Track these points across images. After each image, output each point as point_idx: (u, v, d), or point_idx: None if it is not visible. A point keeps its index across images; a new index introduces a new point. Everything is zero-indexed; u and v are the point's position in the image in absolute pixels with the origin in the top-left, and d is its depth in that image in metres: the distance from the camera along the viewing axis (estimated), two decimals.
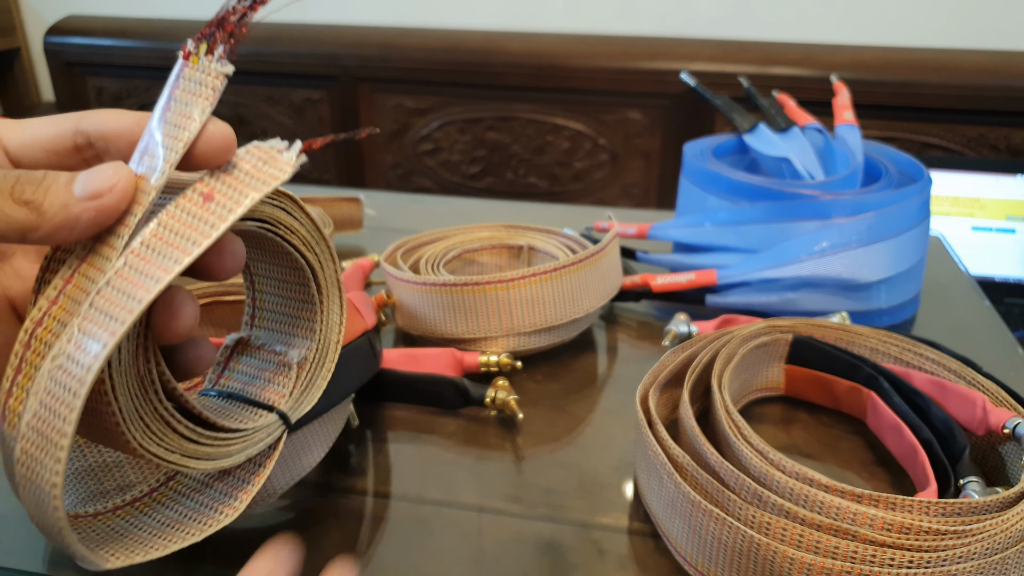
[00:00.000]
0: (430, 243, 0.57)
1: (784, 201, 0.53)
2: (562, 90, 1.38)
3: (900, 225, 0.52)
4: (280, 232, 0.28)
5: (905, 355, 0.43)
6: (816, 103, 0.82)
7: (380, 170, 1.52)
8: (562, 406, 0.46)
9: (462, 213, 0.80)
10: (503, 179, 1.48)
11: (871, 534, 0.29)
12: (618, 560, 0.35)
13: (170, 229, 0.22)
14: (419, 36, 1.42)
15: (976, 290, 0.61)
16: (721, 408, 0.37)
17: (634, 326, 0.56)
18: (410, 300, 0.49)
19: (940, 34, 1.30)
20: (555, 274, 0.47)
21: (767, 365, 0.45)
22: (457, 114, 1.44)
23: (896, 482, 0.39)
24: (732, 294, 0.54)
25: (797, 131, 0.61)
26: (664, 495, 0.34)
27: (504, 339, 0.48)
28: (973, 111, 1.26)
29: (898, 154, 0.60)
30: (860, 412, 0.43)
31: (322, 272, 0.31)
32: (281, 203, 0.28)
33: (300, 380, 0.32)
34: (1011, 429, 0.36)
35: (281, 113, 1.50)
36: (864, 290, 0.53)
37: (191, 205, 0.23)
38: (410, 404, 0.46)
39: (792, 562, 0.29)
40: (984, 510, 0.31)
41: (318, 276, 0.31)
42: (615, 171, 1.44)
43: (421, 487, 0.39)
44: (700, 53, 1.33)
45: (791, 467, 0.33)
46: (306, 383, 0.32)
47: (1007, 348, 0.53)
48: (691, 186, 0.60)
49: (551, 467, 0.41)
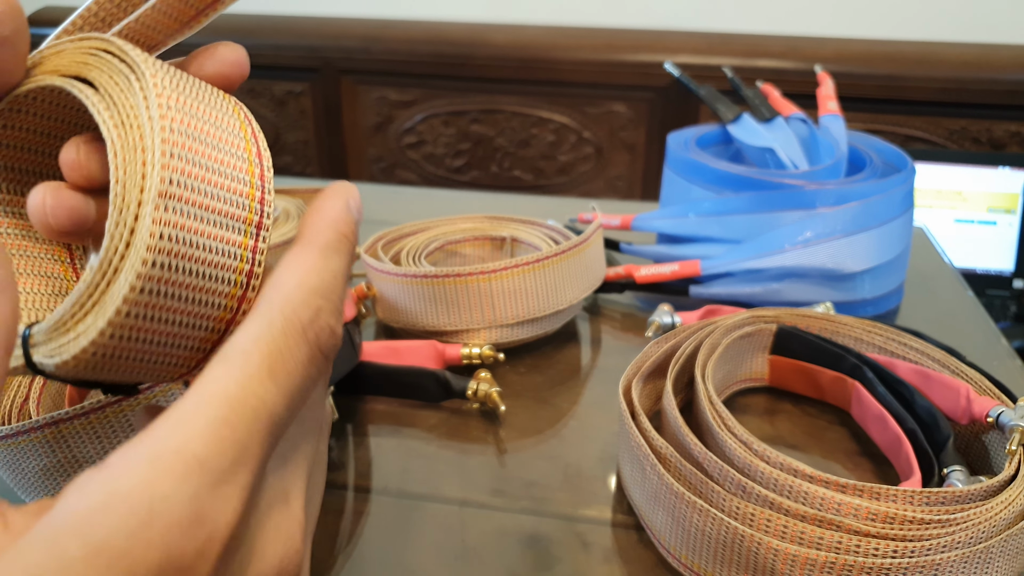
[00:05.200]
0: (411, 234, 0.56)
1: (768, 191, 0.53)
2: (547, 83, 1.38)
3: (884, 215, 0.52)
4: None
5: (889, 345, 0.43)
6: (800, 95, 0.82)
7: (363, 163, 1.51)
8: (545, 398, 0.46)
9: (445, 205, 0.80)
10: (487, 172, 1.48)
11: (855, 524, 0.29)
12: (602, 553, 0.34)
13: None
14: (402, 28, 1.41)
15: (960, 281, 0.61)
16: (705, 399, 0.36)
17: (618, 317, 0.55)
18: (391, 292, 0.49)
19: (923, 27, 1.31)
20: (538, 265, 0.47)
21: (751, 356, 0.45)
22: (441, 107, 1.43)
23: (880, 472, 0.39)
24: (716, 285, 0.53)
25: (781, 121, 0.61)
26: (647, 487, 0.33)
27: (486, 331, 0.47)
28: (955, 104, 1.27)
29: (882, 144, 0.60)
30: (844, 402, 0.43)
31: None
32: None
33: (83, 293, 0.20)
34: (995, 418, 0.36)
35: (263, 106, 1.49)
36: (848, 280, 0.52)
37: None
38: (391, 397, 0.45)
39: (776, 553, 0.29)
40: (968, 499, 0.31)
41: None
42: (600, 164, 1.43)
43: (402, 481, 0.39)
44: (685, 45, 1.33)
45: (775, 458, 0.32)
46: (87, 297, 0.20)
47: (990, 338, 0.53)
48: (675, 176, 0.60)
49: (534, 460, 0.40)
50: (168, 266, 0.19)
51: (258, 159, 0.21)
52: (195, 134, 0.20)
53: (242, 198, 0.21)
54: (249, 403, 0.17)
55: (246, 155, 0.21)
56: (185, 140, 0.19)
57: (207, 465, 0.16)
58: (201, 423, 0.17)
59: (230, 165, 0.20)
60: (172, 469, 0.16)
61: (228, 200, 0.20)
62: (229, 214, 0.20)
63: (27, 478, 0.31)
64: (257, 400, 0.18)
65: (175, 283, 0.19)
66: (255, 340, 0.18)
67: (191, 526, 0.16)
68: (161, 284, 0.19)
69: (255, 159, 0.21)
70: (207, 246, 0.19)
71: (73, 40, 0.21)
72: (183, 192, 0.19)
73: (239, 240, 0.20)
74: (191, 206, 0.19)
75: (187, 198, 0.19)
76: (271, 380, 0.18)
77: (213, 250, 0.20)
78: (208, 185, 0.20)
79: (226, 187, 0.20)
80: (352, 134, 1.48)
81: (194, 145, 0.20)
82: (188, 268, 0.19)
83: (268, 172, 0.22)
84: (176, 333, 0.20)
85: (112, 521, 0.15)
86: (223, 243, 0.20)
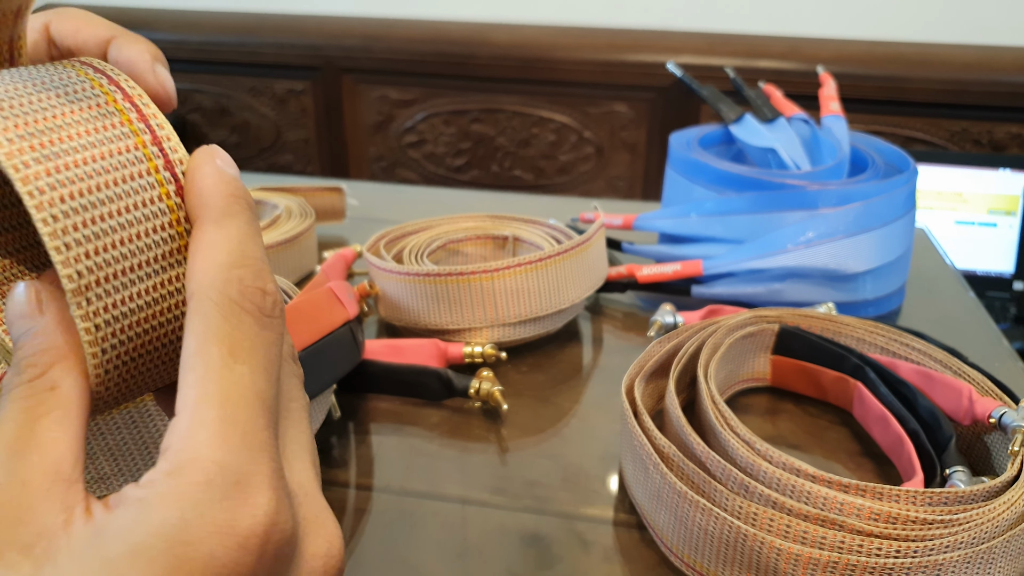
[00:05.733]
0: (414, 233, 0.56)
1: (770, 191, 0.53)
2: (548, 82, 1.38)
3: (886, 216, 0.52)
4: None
5: (891, 345, 0.43)
6: (801, 96, 0.82)
7: (364, 162, 1.51)
8: (547, 397, 0.46)
9: (447, 204, 0.80)
10: (488, 172, 1.48)
11: (858, 524, 0.29)
12: (603, 552, 0.34)
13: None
14: (404, 27, 1.41)
15: (961, 282, 0.61)
16: (707, 398, 0.36)
17: (619, 317, 0.55)
18: (393, 290, 0.49)
19: (924, 29, 1.31)
20: (540, 264, 0.47)
21: (753, 355, 0.45)
22: (442, 106, 1.43)
23: (882, 472, 0.39)
24: (718, 285, 0.53)
25: (783, 122, 0.61)
26: (650, 486, 0.33)
27: (489, 330, 0.47)
28: (956, 105, 1.27)
29: (884, 145, 0.60)
30: (846, 402, 0.43)
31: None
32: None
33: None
34: (997, 419, 0.36)
35: (264, 104, 1.49)
36: (850, 281, 0.52)
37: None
38: (393, 395, 0.45)
39: (779, 552, 0.29)
40: (970, 499, 0.31)
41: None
42: (600, 164, 1.43)
43: (404, 479, 0.39)
44: (686, 46, 1.33)
45: (778, 457, 0.32)
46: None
47: (992, 339, 0.53)
48: (677, 176, 0.60)
49: (536, 458, 0.40)
50: (94, 271, 0.18)
51: (140, 121, 0.20)
52: (40, 131, 0.18)
53: (132, 162, 0.19)
54: (233, 394, 0.18)
55: (118, 127, 0.19)
56: (31, 141, 0.18)
57: (227, 468, 0.17)
58: (204, 432, 0.17)
59: (98, 143, 0.19)
60: (194, 480, 0.17)
61: (114, 172, 0.19)
62: (126, 179, 0.19)
63: None
64: (239, 387, 0.18)
65: (113, 283, 0.18)
66: (203, 337, 0.18)
67: (230, 524, 0.17)
68: (95, 284, 0.18)
69: (136, 123, 0.20)
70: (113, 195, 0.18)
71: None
72: (59, 193, 0.18)
73: (157, 195, 0.19)
74: (78, 200, 0.18)
75: (68, 194, 0.18)
76: (238, 362, 0.18)
77: (134, 223, 0.19)
78: (85, 175, 0.18)
79: (107, 161, 0.19)
80: (353, 133, 1.48)
81: (45, 141, 0.18)
82: (119, 253, 0.18)
83: (155, 119, 0.20)
84: (144, 288, 0.19)
85: (148, 530, 0.16)
86: (144, 207, 0.19)
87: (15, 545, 0.16)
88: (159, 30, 1.44)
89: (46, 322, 0.19)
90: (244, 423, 0.18)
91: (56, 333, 0.19)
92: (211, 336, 0.18)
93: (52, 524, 0.16)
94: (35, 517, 0.16)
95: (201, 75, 1.48)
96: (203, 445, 0.17)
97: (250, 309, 0.19)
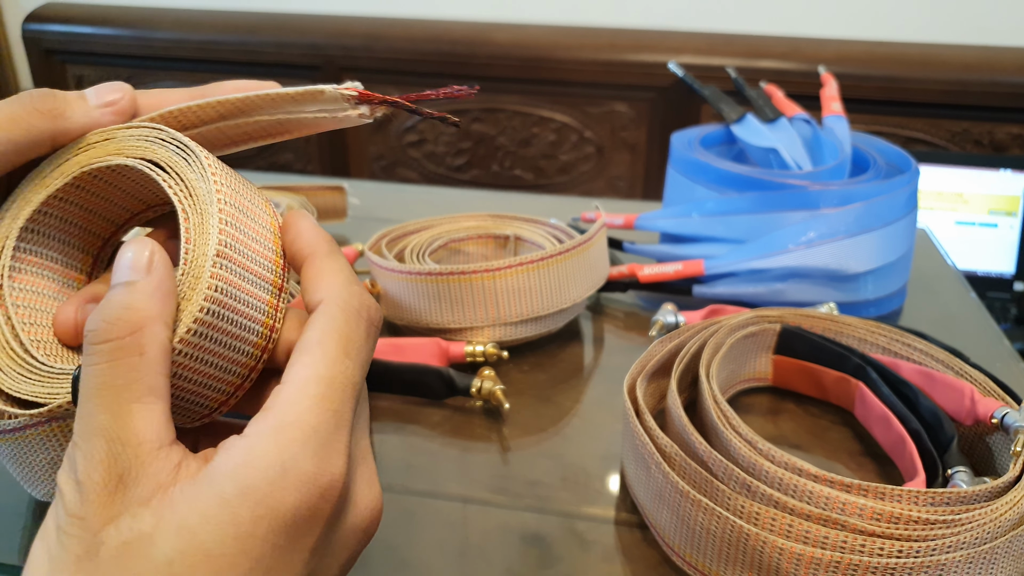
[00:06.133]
0: (415, 232, 0.56)
1: (772, 191, 0.53)
2: (548, 82, 1.38)
3: (888, 216, 0.52)
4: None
5: (893, 345, 0.43)
6: (802, 96, 0.82)
7: (364, 161, 1.51)
8: (548, 396, 0.46)
9: (448, 203, 0.80)
10: (488, 171, 1.48)
11: (860, 524, 0.29)
12: (604, 551, 0.34)
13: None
14: (404, 26, 1.41)
15: (962, 282, 0.61)
16: (709, 398, 0.36)
17: (621, 316, 0.55)
18: (395, 289, 0.49)
19: (925, 29, 1.31)
20: (542, 264, 0.47)
21: (755, 355, 0.45)
22: (442, 105, 1.43)
23: (884, 472, 0.39)
24: (720, 284, 0.53)
25: (785, 122, 0.61)
26: (652, 485, 0.33)
27: (490, 329, 0.47)
28: (957, 106, 1.27)
29: (886, 145, 0.60)
30: (848, 402, 0.43)
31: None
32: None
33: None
34: (999, 419, 0.36)
35: None
36: (852, 281, 0.52)
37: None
38: (394, 394, 0.45)
39: (781, 552, 0.29)
40: (972, 500, 0.31)
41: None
42: (601, 164, 1.43)
43: (405, 478, 0.39)
44: (687, 46, 1.33)
45: (780, 457, 0.32)
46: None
47: (994, 339, 0.53)
48: (679, 176, 0.60)
49: (537, 458, 0.40)
50: (217, 315, 0.22)
51: (280, 234, 0.25)
52: (240, 207, 0.24)
53: (271, 264, 0.24)
54: (338, 380, 0.22)
55: (273, 230, 0.25)
56: (234, 212, 0.24)
57: (320, 432, 0.21)
58: (308, 401, 0.21)
59: (264, 236, 0.25)
60: (295, 437, 0.21)
61: (262, 265, 0.24)
62: (263, 276, 0.24)
63: (34, 471, 0.31)
64: (343, 376, 0.22)
65: (219, 329, 0.22)
66: (327, 332, 0.23)
67: (316, 476, 0.21)
68: (209, 329, 0.22)
69: (278, 234, 0.25)
70: (246, 301, 0.23)
71: (121, 129, 0.26)
72: (233, 254, 0.23)
73: (268, 299, 0.24)
74: (238, 267, 0.23)
75: (236, 259, 0.23)
76: (348, 358, 0.23)
77: (250, 305, 0.23)
78: (250, 251, 0.24)
79: (261, 254, 0.24)
80: (353, 132, 1.48)
81: (240, 217, 0.24)
82: (230, 318, 0.23)
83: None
84: (211, 375, 0.23)
85: (256, 474, 0.20)
86: (257, 300, 0.24)
87: (136, 501, 0.20)
88: (159, 30, 1.44)
89: (148, 282, 0.22)
90: (338, 403, 0.22)
91: (153, 298, 0.21)
92: (333, 332, 0.23)
93: (164, 479, 0.20)
94: (149, 477, 0.20)
95: (201, 75, 1.48)
96: (305, 411, 0.21)
97: (366, 317, 0.24)
